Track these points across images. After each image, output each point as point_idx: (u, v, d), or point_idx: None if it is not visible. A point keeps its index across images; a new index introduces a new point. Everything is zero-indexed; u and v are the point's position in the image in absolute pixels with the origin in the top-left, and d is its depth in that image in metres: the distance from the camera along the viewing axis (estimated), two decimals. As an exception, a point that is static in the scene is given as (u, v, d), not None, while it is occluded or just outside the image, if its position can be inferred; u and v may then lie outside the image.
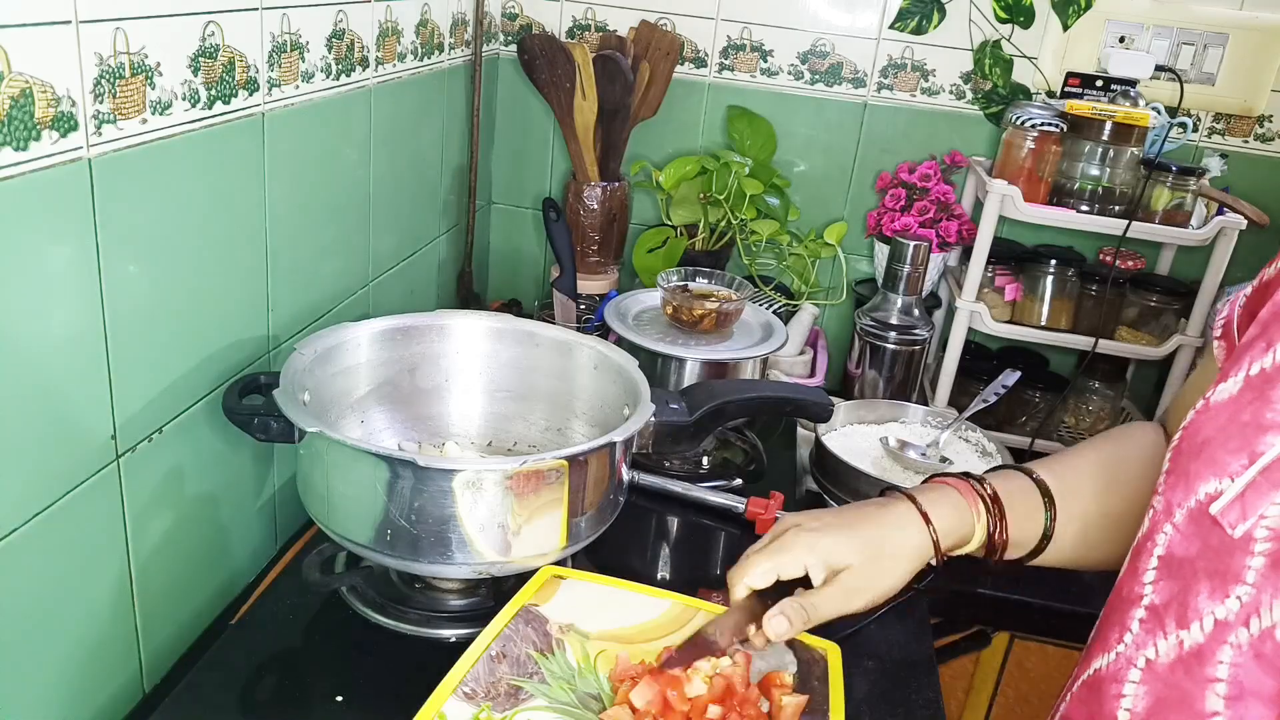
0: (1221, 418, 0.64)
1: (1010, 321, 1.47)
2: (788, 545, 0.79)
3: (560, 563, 0.91)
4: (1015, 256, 1.53)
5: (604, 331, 1.28)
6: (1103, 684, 0.68)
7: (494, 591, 0.95)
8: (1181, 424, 0.68)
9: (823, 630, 0.80)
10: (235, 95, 0.89)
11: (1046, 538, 0.82)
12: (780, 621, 0.76)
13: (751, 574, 0.79)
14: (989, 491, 0.81)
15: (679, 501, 1.19)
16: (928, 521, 0.79)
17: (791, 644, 0.82)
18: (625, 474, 0.94)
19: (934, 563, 0.79)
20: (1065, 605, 1.19)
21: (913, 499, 0.80)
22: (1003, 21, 1.53)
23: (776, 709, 0.74)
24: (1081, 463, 0.86)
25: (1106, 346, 1.44)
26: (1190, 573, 0.62)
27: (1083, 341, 1.44)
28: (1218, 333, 0.77)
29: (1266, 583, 0.57)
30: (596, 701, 0.75)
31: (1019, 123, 1.42)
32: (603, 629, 0.82)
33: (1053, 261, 1.49)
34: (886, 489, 0.88)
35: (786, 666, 0.79)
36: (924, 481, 0.86)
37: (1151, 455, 0.82)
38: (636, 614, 0.84)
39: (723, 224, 1.59)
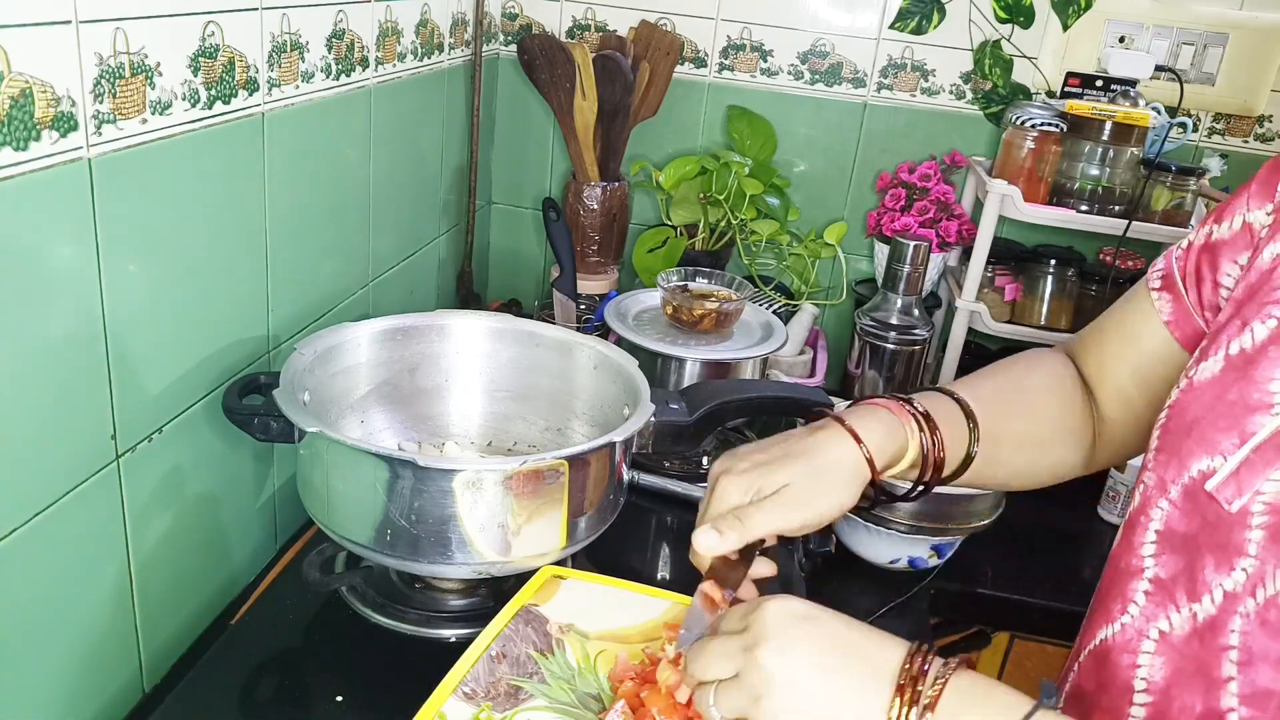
0: (1207, 397, 0.66)
1: (1010, 321, 1.48)
2: (721, 497, 0.73)
3: (560, 563, 0.91)
4: (1015, 256, 1.53)
5: (604, 331, 1.28)
6: (1112, 654, 0.70)
7: (494, 591, 0.95)
8: (1167, 403, 0.70)
9: None
10: (235, 95, 0.89)
11: (970, 458, 0.79)
12: (708, 534, 0.70)
13: (703, 547, 0.72)
14: (920, 409, 0.77)
15: (679, 501, 1.18)
16: (858, 440, 0.74)
17: None
18: (625, 474, 0.94)
19: (872, 482, 0.74)
20: (1065, 605, 1.19)
21: (840, 420, 0.76)
22: (1003, 21, 1.53)
23: None
24: (992, 384, 0.85)
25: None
26: (1194, 547, 0.64)
27: (1083, 341, 1.44)
28: (1156, 284, 0.78)
29: (1268, 554, 0.59)
30: (596, 701, 0.75)
31: (1019, 123, 1.42)
32: (602, 629, 0.82)
33: (1052, 261, 1.49)
34: (816, 413, 0.84)
35: None
36: (850, 405, 0.82)
37: (1054, 383, 0.85)
38: (636, 614, 0.84)
39: (723, 224, 1.59)
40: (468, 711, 0.71)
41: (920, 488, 0.79)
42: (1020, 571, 1.23)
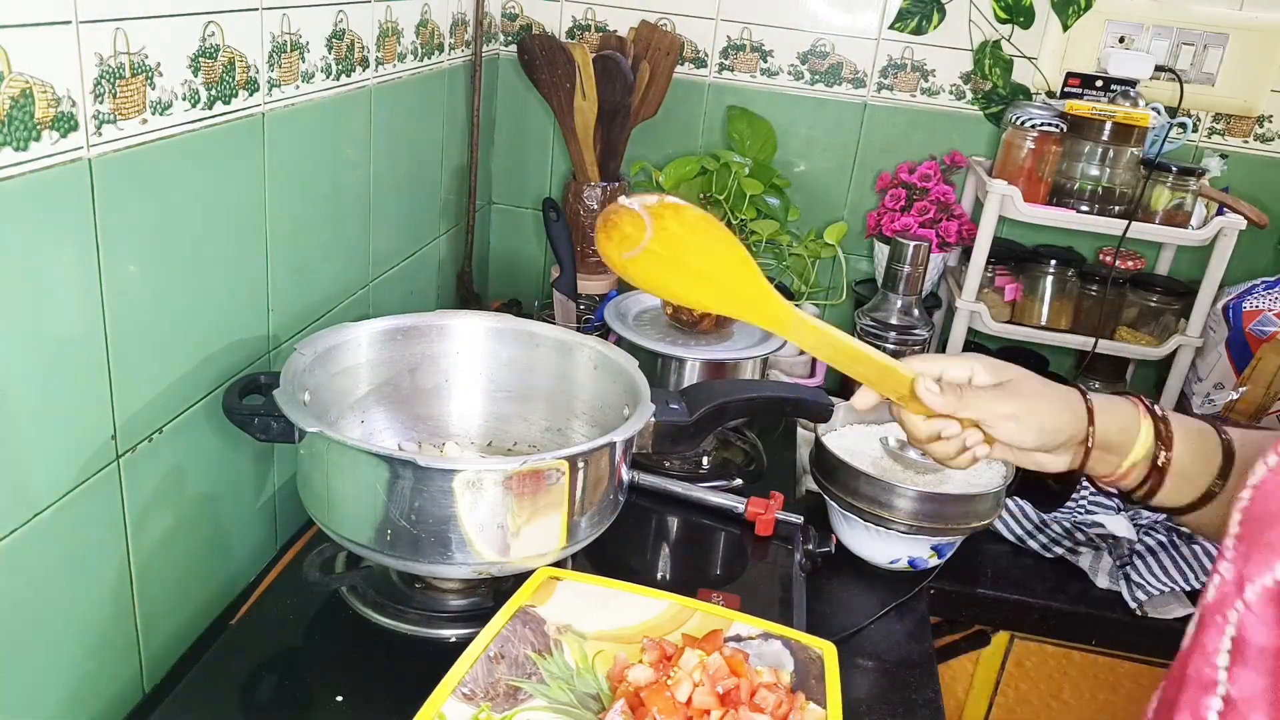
0: None
1: (1010, 321, 1.48)
2: (938, 363, 0.74)
3: (560, 563, 0.91)
4: (1015, 256, 1.53)
5: (604, 331, 1.28)
6: None
7: (494, 591, 0.95)
8: (1251, 480, 0.60)
9: (822, 630, 0.80)
10: (235, 95, 0.89)
11: (1212, 493, 0.74)
12: (930, 389, 0.71)
13: (927, 397, 0.73)
14: (1160, 414, 0.76)
15: (679, 501, 1.18)
16: (1089, 409, 0.74)
17: (788, 644, 0.82)
18: (625, 474, 0.94)
19: (1087, 446, 0.74)
20: (1065, 605, 1.19)
21: (1081, 390, 0.76)
22: (1002, 22, 1.53)
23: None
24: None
25: (1106, 346, 1.44)
26: (1278, 669, 0.54)
27: (1083, 341, 1.44)
28: None
29: None
30: (595, 701, 0.75)
31: (1019, 123, 1.42)
32: (600, 629, 0.82)
33: (1052, 261, 1.49)
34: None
35: (784, 665, 0.79)
36: None
37: None
38: (634, 614, 0.84)
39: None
40: (467, 712, 0.71)
41: (1144, 489, 0.76)
42: (1020, 571, 1.23)
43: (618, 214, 0.73)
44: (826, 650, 0.82)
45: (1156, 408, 0.76)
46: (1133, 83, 1.36)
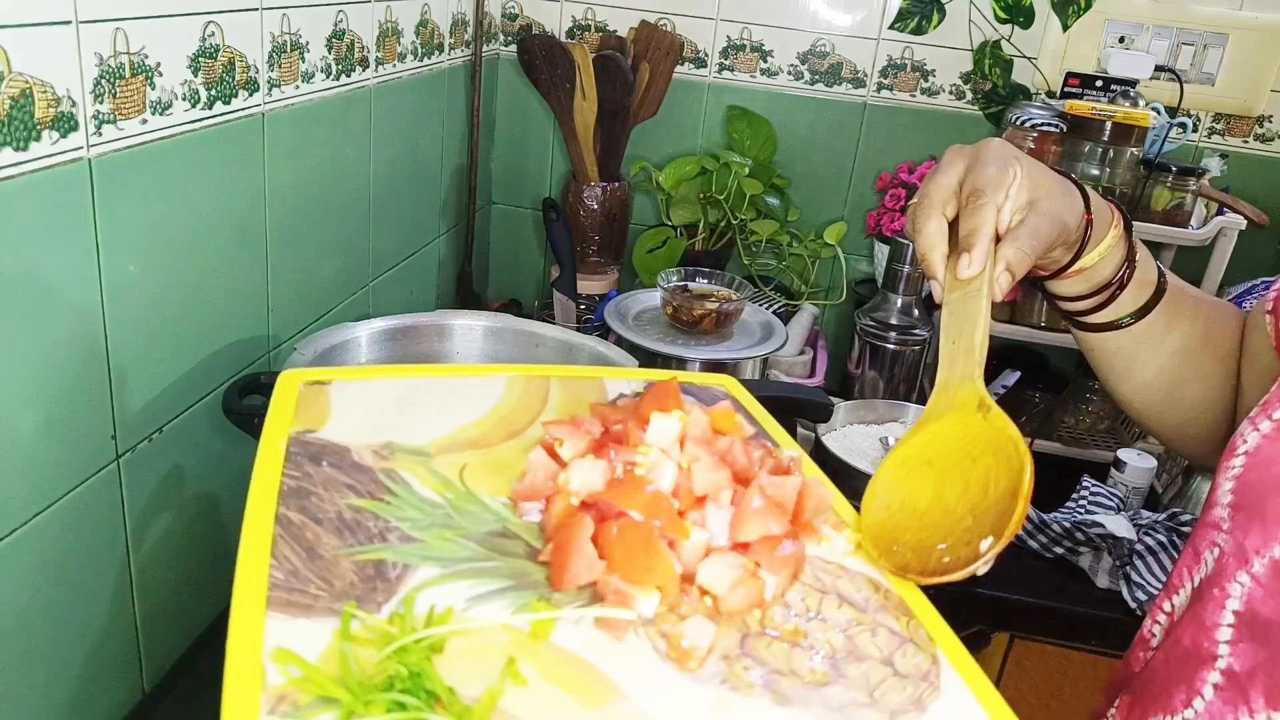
0: None
1: (1009, 321, 1.47)
2: (993, 154, 0.65)
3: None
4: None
5: (604, 332, 1.28)
6: None
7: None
8: (1242, 446, 0.58)
9: None
10: (235, 95, 0.89)
11: (1162, 288, 0.71)
12: (1006, 277, 0.61)
13: (985, 218, 0.61)
14: (1125, 214, 0.72)
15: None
16: (1083, 191, 0.68)
17: (686, 389, 0.65)
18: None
19: (1085, 225, 0.67)
20: (1065, 605, 1.19)
21: (1074, 180, 0.70)
22: (1002, 22, 1.53)
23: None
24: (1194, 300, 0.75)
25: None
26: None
27: (1082, 341, 1.44)
28: (1269, 305, 0.69)
29: None
30: (512, 540, 0.50)
31: (1019, 123, 1.42)
32: (439, 436, 0.56)
33: (1052, 261, 1.49)
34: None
35: None
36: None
37: (1228, 311, 0.75)
38: (469, 405, 0.60)
39: (722, 224, 1.59)
40: (322, 628, 0.43)
41: (1112, 293, 0.70)
42: (1020, 571, 1.23)
43: None
44: (727, 383, 0.70)
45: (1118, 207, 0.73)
46: (1133, 83, 1.36)
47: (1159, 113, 1.41)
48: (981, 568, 0.51)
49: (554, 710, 0.41)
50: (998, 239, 0.63)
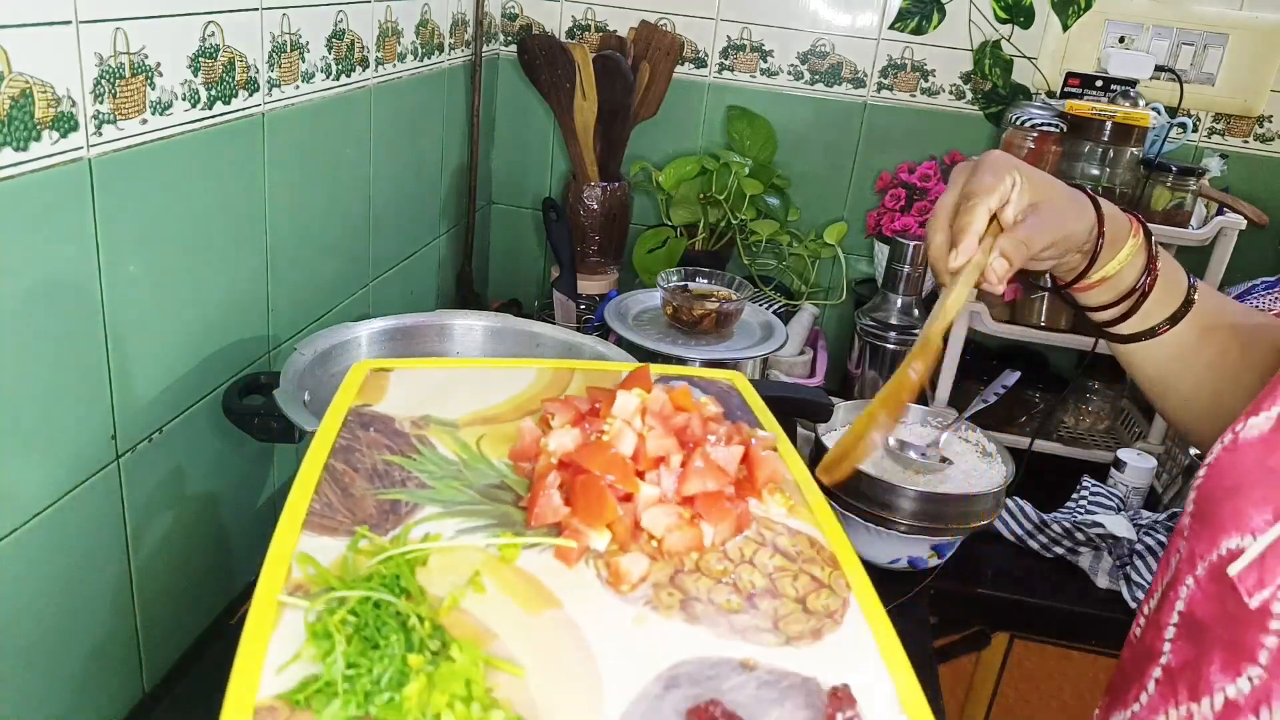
0: (1249, 460, 0.57)
1: (1009, 321, 1.47)
2: (990, 163, 0.68)
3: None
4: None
5: (604, 332, 1.28)
6: None
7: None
8: (1208, 459, 0.61)
9: None
10: (235, 95, 0.89)
11: (1190, 301, 0.74)
12: (1001, 263, 0.66)
13: (976, 217, 0.66)
14: (1144, 224, 0.74)
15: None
16: (1095, 202, 0.71)
17: (694, 383, 0.75)
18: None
19: (1097, 234, 0.70)
20: (1065, 605, 1.19)
21: (1089, 194, 0.73)
22: (1002, 22, 1.53)
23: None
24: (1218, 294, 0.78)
25: (1107, 346, 1.44)
26: (1207, 640, 0.56)
27: (1082, 341, 1.44)
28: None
29: (1279, 668, 0.50)
30: (504, 491, 0.62)
31: (1019, 123, 1.42)
32: (468, 413, 0.68)
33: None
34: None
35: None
36: None
37: (1270, 328, 0.76)
38: (500, 390, 0.71)
39: (722, 224, 1.59)
40: (337, 545, 0.56)
41: (1136, 301, 0.73)
42: (1020, 571, 1.23)
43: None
44: (735, 379, 0.76)
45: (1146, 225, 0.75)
46: (1133, 83, 1.36)
47: (1159, 113, 1.41)
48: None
49: (501, 612, 0.51)
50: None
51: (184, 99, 0.82)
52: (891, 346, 1.43)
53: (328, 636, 0.47)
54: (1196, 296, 0.74)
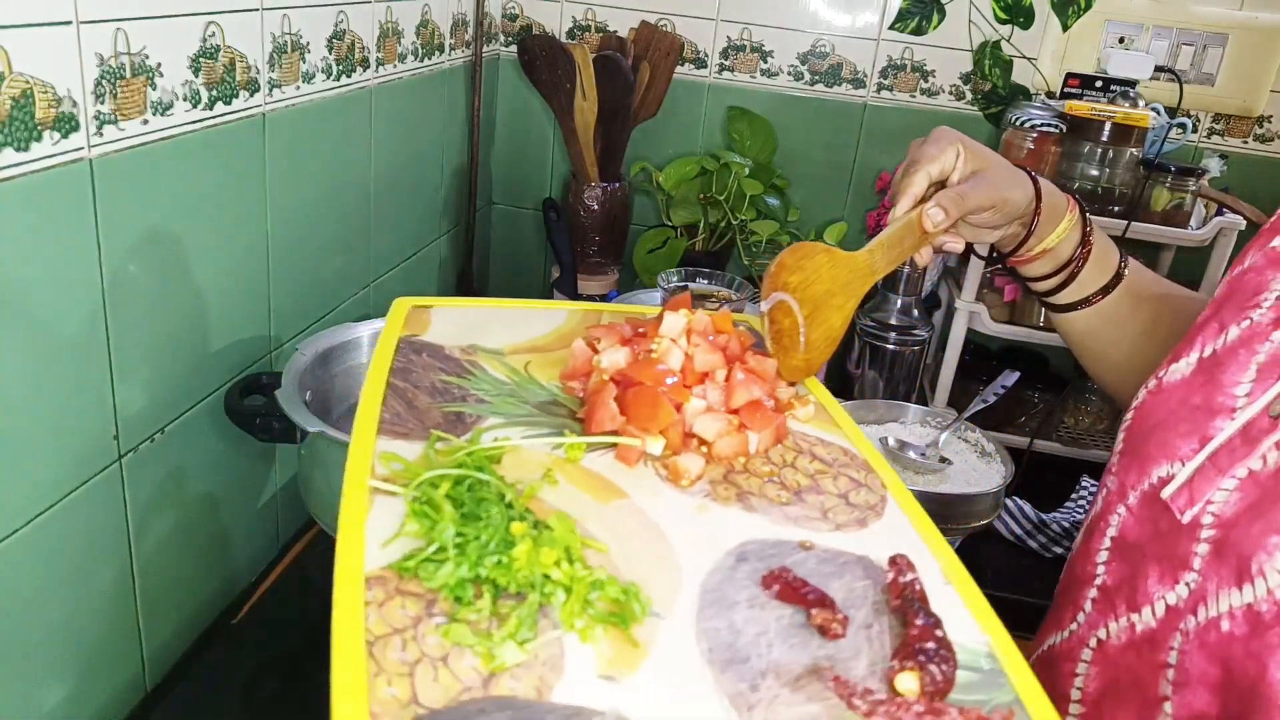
0: (1173, 400, 0.64)
1: (1009, 322, 1.48)
2: (936, 136, 0.78)
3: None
4: (1015, 257, 1.53)
5: (604, 332, 1.28)
6: (1056, 661, 0.69)
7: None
8: (1134, 403, 0.69)
9: None
10: (236, 96, 0.89)
11: (1120, 275, 0.82)
12: (937, 211, 0.74)
13: (914, 180, 0.76)
14: (1080, 202, 0.82)
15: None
16: (1034, 178, 0.79)
17: None
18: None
19: (1035, 206, 0.78)
20: (1065, 605, 1.19)
21: (1027, 171, 0.81)
22: (1002, 22, 1.53)
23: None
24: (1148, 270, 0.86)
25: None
26: (1140, 556, 0.63)
27: (1082, 342, 1.44)
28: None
29: (1211, 570, 0.57)
30: (559, 408, 0.66)
31: (1018, 123, 1.42)
32: (511, 343, 0.72)
33: (1052, 262, 1.49)
34: None
35: None
36: None
37: (1192, 299, 0.83)
38: (537, 326, 0.76)
39: (723, 224, 1.60)
40: (413, 447, 0.59)
41: (1072, 271, 0.81)
42: (1020, 571, 1.23)
43: (775, 326, 0.73)
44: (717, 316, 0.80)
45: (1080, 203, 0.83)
46: (1132, 83, 1.36)
47: (1159, 113, 1.41)
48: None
49: (576, 501, 0.56)
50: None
51: (185, 99, 0.82)
52: (891, 347, 1.43)
53: (428, 513, 0.51)
54: (1126, 270, 0.82)
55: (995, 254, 0.85)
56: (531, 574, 0.48)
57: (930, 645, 0.47)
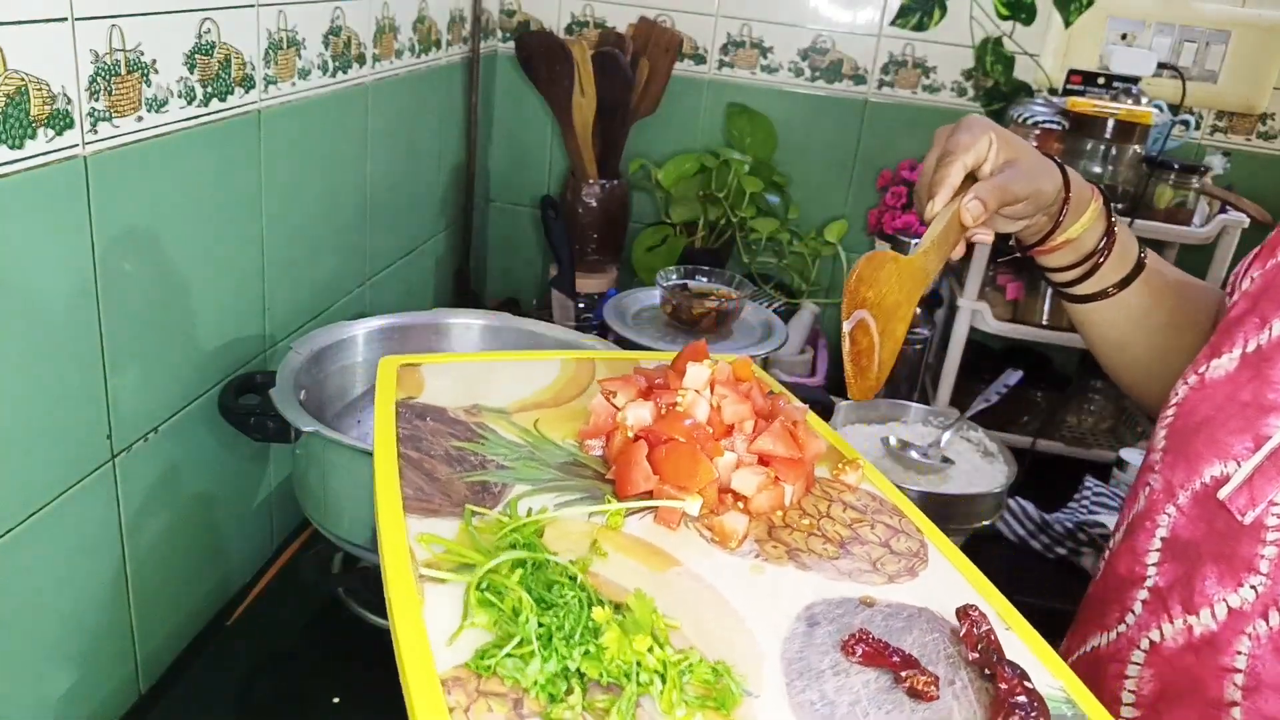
0: (1219, 396, 0.63)
1: (1012, 321, 1.47)
2: (968, 124, 0.75)
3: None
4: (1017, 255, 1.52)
5: (603, 330, 1.27)
6: (1102, 662, 0.68)
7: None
8: (1174, 399, 0.67)
9: None
10: (231, 92, 0.88)
11: (1141, 264, 0.80)
12: (976, 204, 0.72)
13: (951, 172, 0.72)
14: (1104, 193, 0.80)
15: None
16: (1062, 168, 0.77)
17: None
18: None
19: (1064, 196, 0.76)
20: (1064, 605, 1.18)
21: (1057, 162, 0.79)
22: (1004, 18, 1.52)
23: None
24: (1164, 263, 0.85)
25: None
26: (1195, 556, 0.61)
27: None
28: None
29: None
30: (582, 468, 0.64)
31: (1021, 120, 1.41)
32: (514, 400, 0.70)
33: (1054, 260, 1.48)
34: None
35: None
36: None
37: (1208, 290, 0.83)
38: (536, 379, 0.74)
39: (722, 222, 1.59)
40: (448, 524, 0.56)
41: (1095, 263, 0.79)
42: (1022, 573, 1.23)
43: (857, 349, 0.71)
44: (743, 365, 0.78)
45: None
46: (1135, 80, 1.35)
47: (1161, 110, 1.40)
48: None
49: (630, 572, 0.55)
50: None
51: (180, 96, 0.81)
52: (892, 345, 1.42)
53: (492, 603, 0.48)
54: (1147, 262, 0.81)
55: (1015, 244, 0.84)
56: (625, 662, 0.45)
57: (1022, 698, 0.47)
